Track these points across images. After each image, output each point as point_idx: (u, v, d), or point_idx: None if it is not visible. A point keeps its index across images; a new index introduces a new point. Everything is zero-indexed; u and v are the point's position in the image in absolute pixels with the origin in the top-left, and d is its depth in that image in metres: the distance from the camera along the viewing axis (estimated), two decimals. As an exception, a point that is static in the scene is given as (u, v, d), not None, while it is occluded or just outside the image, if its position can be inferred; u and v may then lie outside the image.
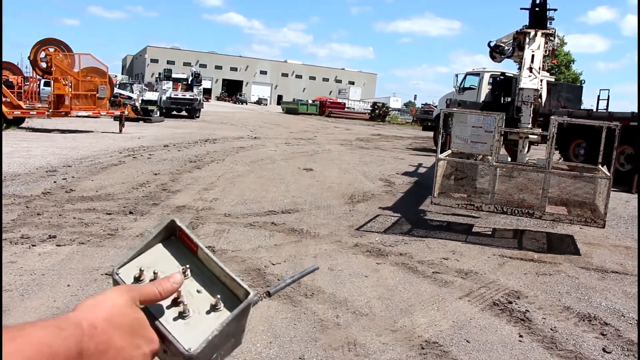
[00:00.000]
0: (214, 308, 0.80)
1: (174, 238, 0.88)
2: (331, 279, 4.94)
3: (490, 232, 7.34)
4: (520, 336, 4.00)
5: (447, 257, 5.94)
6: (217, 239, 6.00)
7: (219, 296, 0.80)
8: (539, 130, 8.34)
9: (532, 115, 8.26)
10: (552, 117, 7.19)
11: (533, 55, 9.12)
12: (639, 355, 3.81)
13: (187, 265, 0.84)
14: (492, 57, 11.49)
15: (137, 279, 0.81)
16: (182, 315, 0.78)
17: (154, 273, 0.81)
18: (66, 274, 4.62)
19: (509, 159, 8.47)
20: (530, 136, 8.17)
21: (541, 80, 8.85)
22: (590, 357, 3.73)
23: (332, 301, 4.42)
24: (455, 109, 9.17)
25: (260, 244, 5.91)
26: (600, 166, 7.44)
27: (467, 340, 3.87)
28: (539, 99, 8.58)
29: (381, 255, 5.83)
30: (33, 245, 5.27)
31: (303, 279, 4.79)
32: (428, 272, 5.34)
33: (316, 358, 3.46)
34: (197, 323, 0.77)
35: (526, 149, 8.06)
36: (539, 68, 8.80)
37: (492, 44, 11.25)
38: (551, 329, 4.14)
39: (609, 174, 6.63)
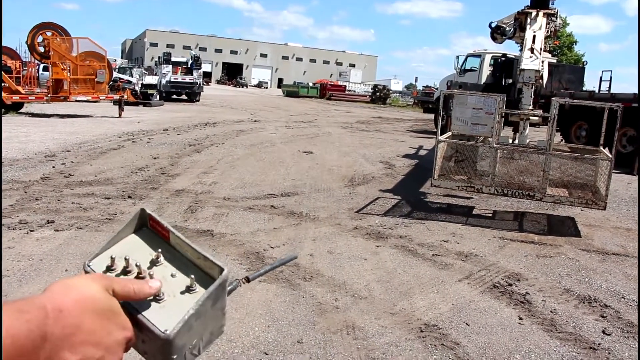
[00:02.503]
0: (189, 289, 0.77)
1: (146, 228, 0.86)
2: (330, 262, 4.92)
3: (490, 215, 7.31)
4: (520, 319, 3.98)
5: (447, 239, 5.91)
6: (216, 222, 5.97)
7: (192, 276, 0.78)
8: (539, 112, 8.27)
9: (533, 96, 8.18)
10: (554, 98, 7.12)
11: (534, 36, 9.00)
12: (639, 339, 3.80)
13: (160, 250, 0.81)
14: (493, 39, 11.37)
15: (109, 268, 0.79)
16: (156, 299, 0.75)
17: (126, 260, 0.78)
18: (64, 259, 4.60)
19: (511, 140, 8.42)
20: (531, 117, 8.10)
21: (542, 61, 8.75)
22: (590, 339, 3.72)
23: (331, 284, 4.40)
24: (455, 91, 9.07)
25: (260, 228, 5.89)
26: (601, 148, 7.38)
27: (466, 323, 3.85)
28: (540, 80, 8.49)
29: (381, 238, 5.81)
30: (31, 231, 5.25)
31: (301, 262, 4.79)
32: (428, 255, 5.32)
33: (314, 341, 3.44)
34: (172, 306, 0.75)
35: (527, 131, 8.00)
36: (540, 49, 8.68)
37: (493, 25, 11.13)
38: (551, 312, 4.13)
39: (610, 156, 6.57)
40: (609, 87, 15.86)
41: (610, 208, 7.52)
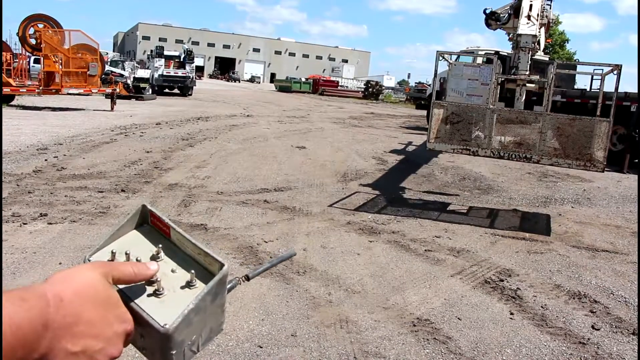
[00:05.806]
0: (189, 285, 0.78)
1: (147, 225, 0.86)
2: (323, 257, 4.95)
3: (483, 211, 7.36)
4: (511, 314, 4.03)
5: (440, 235, 5.96)
6: (210, 216, 5.98)
7: (193, 271, 0.78)
8: (536, 77, 8.04)
9: (529, 62, 7.99)
10: (550, 64, 6.94)
11: (531, 5, 8.84)
12: (639, 338, 3.86)
13: (160, 246, 0.82)
14: (488, 25, 11.25)
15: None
16: (156, 294, 0.76)
17: (126, 254, 0.79)
18: (58, 252, 4.60)
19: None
20: (527, 84, 7.95)
21: (540, 27, 8.60)
22: (579, 334, 3.77)
23: (325, 279, 4.43)
24: (452, 61, 8.80)
25: (253, 222, 5.91)
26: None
27: (458, 318, 3.90)
28: (537, 46, 8.35)
29: (374, 233, 5.84)
30: (24, 224, 5.24)
31: (295, 257, 4.80)
32: (420, 250, 5.36)
33: (308, 335, 3.47)
34: (172, 301, 0.75)
35: (523, 97, 7.84)
36: (538, 15, 8.51)
37: (488, 11, 11.06)
38: (542, 307, 4.18)
39: (609, 118, 6.48)
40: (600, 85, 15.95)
41: (600, 205, 7.61)
